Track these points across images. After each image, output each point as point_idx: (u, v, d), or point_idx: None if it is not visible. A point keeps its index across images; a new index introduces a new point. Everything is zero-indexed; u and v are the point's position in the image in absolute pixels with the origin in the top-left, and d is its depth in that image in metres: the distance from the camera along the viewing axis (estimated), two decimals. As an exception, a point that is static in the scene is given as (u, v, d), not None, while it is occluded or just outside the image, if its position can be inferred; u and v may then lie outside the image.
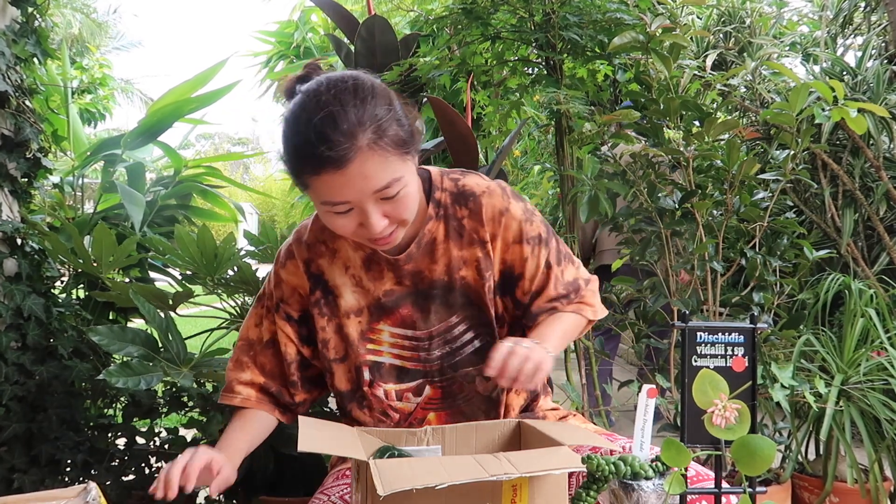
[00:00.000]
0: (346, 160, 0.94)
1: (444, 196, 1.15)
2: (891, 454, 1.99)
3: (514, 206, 1.16)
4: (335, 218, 1.01)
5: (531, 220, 1.17)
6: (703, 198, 2.01)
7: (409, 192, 1.01)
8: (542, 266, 1.18)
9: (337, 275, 1.17)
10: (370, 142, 0.95)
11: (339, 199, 0.97)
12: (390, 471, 0.81)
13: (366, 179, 0.96)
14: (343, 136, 0.93)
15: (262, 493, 2.07)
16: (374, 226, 1.00)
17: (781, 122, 1.96)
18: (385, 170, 0.97)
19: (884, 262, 2.91)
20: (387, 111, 0.98)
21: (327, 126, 0.93)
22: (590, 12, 2.15)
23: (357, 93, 0.97)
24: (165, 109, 2.91)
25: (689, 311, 1.96)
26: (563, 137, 2.30)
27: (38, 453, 2.00)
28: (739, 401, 0.87)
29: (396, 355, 1.18)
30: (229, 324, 2.30)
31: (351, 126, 0.94)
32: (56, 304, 2.17)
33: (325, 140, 0.93)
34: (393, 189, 0.98)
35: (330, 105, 0.95)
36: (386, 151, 0.96)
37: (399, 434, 1.03)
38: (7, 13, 2.15)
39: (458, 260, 1.15)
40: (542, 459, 0.87)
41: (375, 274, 1.16)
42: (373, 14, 2.40)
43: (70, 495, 0.88)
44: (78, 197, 3.03)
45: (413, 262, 1.14)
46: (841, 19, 3.41)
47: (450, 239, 1.14)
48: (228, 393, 1.24)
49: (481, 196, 1.15)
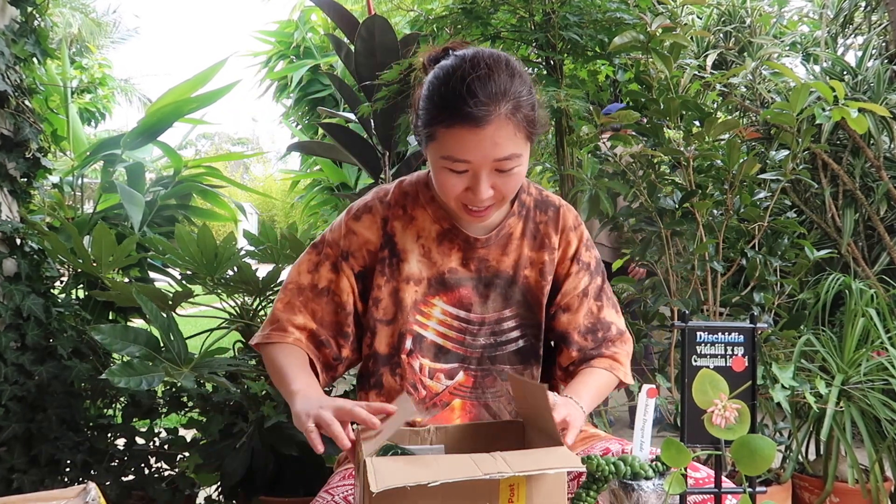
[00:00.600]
0: (486, 121, 1.01)
1: (529, 199, 1.24)
2: (891, 454, 1.99)
3: (583, 230, 1.26)
4: (448, 176, 1.07)
5: (590, 248, 1.26)
6: (704, 198, 2.00)
7: (521, 171, 1.09)
8: (578, 289, 1.24)
9: (408, 240, 1.20)
10: (508, 112, 1.02)
11: (464, 156, 1.04)
12: (385, 468, 0.82)
13: (495, 146, 1.03)
14: (490, 98, 1.01)
15: (262, 493, 2.07)
16: (482, 192, 1.06)
17: (782, 121, 1.96)
18: (512, 142, 1.04)
19: (884, 262, 2.91)
20: (528, 92, 1.06)
21: (479, 85, 1.01)
22: (590, 12, 2.14)
23: (508, 68, 1.05)
24: (165, 109, 2.91)
25: (689, 311, 1.96)
26: (563, 137, 2.30)
27: (38, 453, 2.00)
28: (739, 401, 0.87)
29: (441, 333, 1.21)
30: (229, 324, 2.30)
31: (499, 92, 1.02)
32: (56, 304, 2.17)
33: (473, 96, 1.00)
34: (510, 163, 1.05)
35: (485, 69, 1.03)
36: (518, 126, 1.04)
37: (402, 433, 1.04)
38: (6, 13, 2.14)
39: (526, 259, 1.22)
40: (538, 459, 0.86)
41: (445, 249, 1.21)
42: (373, 14, 2.40)
43: (70, 495, 0.88)
44: (77, 197, 3.03)
45: (487, 248, 1.21)
46: (841, 19, 3.41)
47: (525, 237, 1.22)
48: (280, 331, 1.19)
49: (561, 207, 1.25)
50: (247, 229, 2.35)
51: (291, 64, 6.58)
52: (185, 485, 2.09)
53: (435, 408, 1.19)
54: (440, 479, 0.79)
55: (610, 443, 1.19)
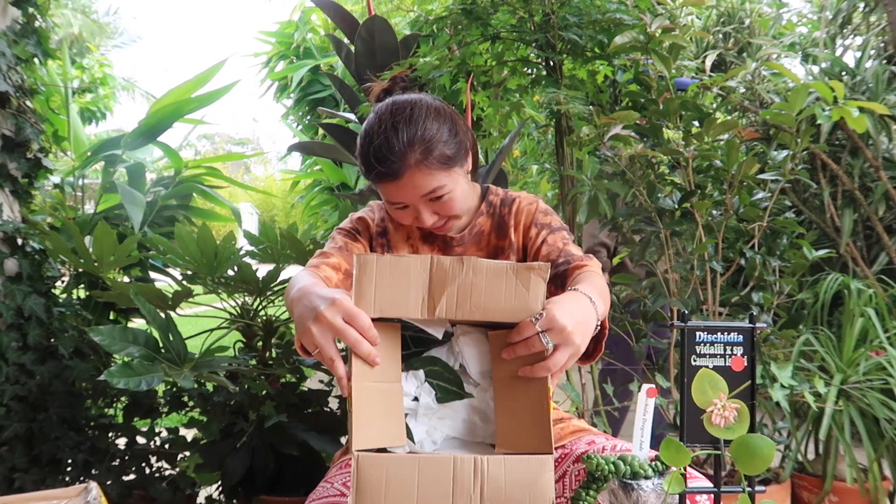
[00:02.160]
0: (398, 175, 1.17)
1: (496, 199, 1.38)
2: (890, 453, 1.99)
3: (537, 204, 1.36)
4: (395, 211, 1.26)
5: (548, 213, 1.35)
6: (703, 198, 2.01)
7: (454, 195, 1.23)
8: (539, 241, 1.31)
9: (399, 239, 1.35)
10: (417, 161, 1.17)
11: (396, 200, 1.22)
12: (370, 467, 0.86)
13: (415, 188, 1.19)
14: (395, 156, 1.16)
15: (262, 493, 2.08)
16: (425, 220, 1.24)
17: (781, 122, 1.97)
18: (431, 181, 1.19)
19: (883, 262, 2.91)
20: (436, 132, 1.19)
21: (386, 147, 1.17)
22: (589, 12, 2.15)
23: (412, 118, 1.18)
24: (165, 110, 2.91)
25: (689, 310, 1.96)
26: (562, 138, 2.31)
27: (39, 453, 2.00)
28: (738, 400, 0.88)
29: None
30: (229, 324, 2.31)
31: (402, 148, 1.16)
32: (56, 304, 2.18)
33: (382, 161, 1.17)
34: (438, 194, 1.20)
35: (387, 131, 1.17)
36: (431, 167, 1.18)
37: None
38: (8, 14, 2.15)
39: (496, 249, 1.34)
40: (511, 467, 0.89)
41: (428, 249, 1.35)
42: (373, 14, 2.40)
43: (71, 495, 0.89)
44: (78, 197, 3.03)
45: (462, 245, 1.34)
46: (840, 20, 3.41)
47: (493, 231, 1.35)
48: (312, 267, 1.20)
49: (520, 199, 1.37)
50: (247, 229, 2.35)
51: (292, 64, 6.59)
52: (186, 484, 2.09)
53: None
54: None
55: (597, 437, 1.20)
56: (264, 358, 2.28)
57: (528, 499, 0.87)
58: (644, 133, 2.06)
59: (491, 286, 0.94)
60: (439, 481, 0.86)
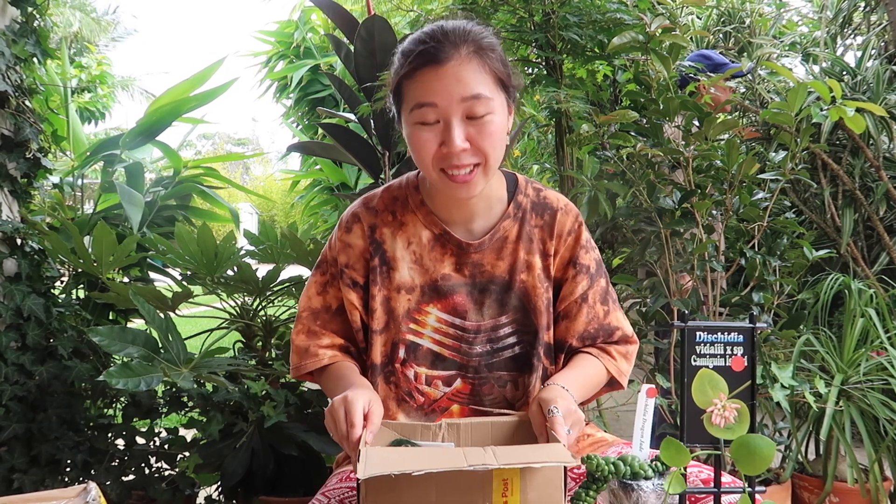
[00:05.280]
0: (445, 57, 1.02)
1: (526, 201, 1.20)
2: (891, 454, 1.99)
3: (582, 231, 1.21)
4: (421, 132, 1.05)
5: (590, 250, 1.22)
6: (703, 198, 2.01)
7: (495, 121, 1.05)
8: (576, 294, 1.19)
9: (398, 247, 1.18)
10: (470, 52, 1.03)
11: (429, 99, 1.03)
12: (376, 456, 0.83)
13: (458, 82, 1.01)
14: (448, 39, 1.03)
15: (262, 493, 2.07)
16: (455, 139, 1.02)
17: (780, 121, 1.96)
18: (478, 81, 1.03)
19: (883, 262, 2.91)
20: (496, 45, 1.07)
21: (437, 31, 1.04)
22: (589, 12, 2.15)
23: (470, 20, 1.08)
24: (164, 109, 2.91)
25: (689, 310, 1.96)
26: (562, 138, 2.31)
27: (38, 453, 2.00)
28: (739, 400, 0.87)
29: (437, 341, 1.18)
30: (229, 324, 2.30)
31: (458, 34, 1.03)
32: (56, 304, 2.17)
33: (432, 39, 1.03)
34: (480, 106, 1.03)
35: (442, 22, 1.06)
36: (483, 66, 1.04)
37: (414, 428, 1.03)
38: (7, 13, 2.15)
39: (522, 263, 1.18)
40: (529, 453, 0.86)
41: (437, 255, 1.18)
42: (372, 14, 2.39)
43: (70, 495, 0.88)
44: (77, 197, 3.03)
45: (481, 252, 1.18)
46: (840, 19, 3.41)
47: (520, 241, 1.18)
48: (312, 358, 1.20)
49: (558, 211, 1.20)
50: (247, 229, 2.35)
51: (291, 64, 6.58)
52: (186, 484, 2.09)
53: (434, 413, 1.18)
54: (425, 469, 0.79)
55: (619, 447, 1.18)
56: (264, 358, 2.28)
57: (546, 452, 0.87)
58: (644, 133, 2.06)
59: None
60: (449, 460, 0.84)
